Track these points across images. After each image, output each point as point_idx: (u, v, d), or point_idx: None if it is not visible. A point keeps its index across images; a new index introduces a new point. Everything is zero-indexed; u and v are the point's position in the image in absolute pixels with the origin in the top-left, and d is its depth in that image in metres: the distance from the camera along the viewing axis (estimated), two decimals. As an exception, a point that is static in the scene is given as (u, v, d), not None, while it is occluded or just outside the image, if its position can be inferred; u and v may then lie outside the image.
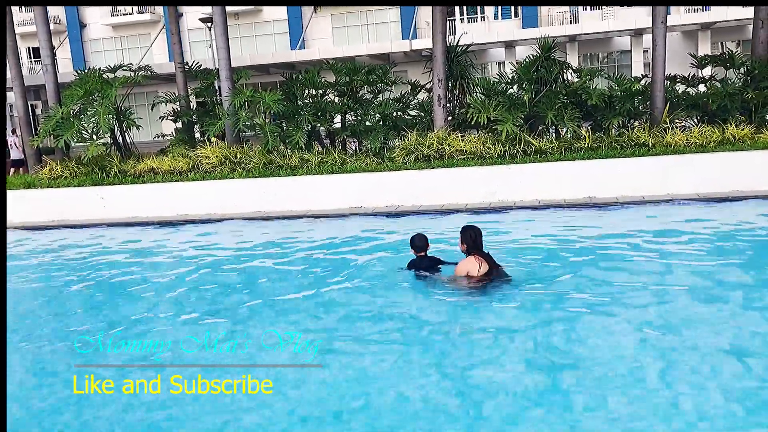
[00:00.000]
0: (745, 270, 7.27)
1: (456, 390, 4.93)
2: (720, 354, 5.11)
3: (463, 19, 35.78)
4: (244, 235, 10.94)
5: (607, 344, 5.42)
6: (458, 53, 14.13)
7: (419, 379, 5.02)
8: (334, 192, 12.28)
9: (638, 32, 30.87)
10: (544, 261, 8.06)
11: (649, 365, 5.00)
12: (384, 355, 5.60)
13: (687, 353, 5.21)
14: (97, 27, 39.38)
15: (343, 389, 5.06)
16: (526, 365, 5.20)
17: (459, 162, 12.02)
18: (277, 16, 37.55)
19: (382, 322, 6.42)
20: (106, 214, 12.98)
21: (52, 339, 6.46)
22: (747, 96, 12.45)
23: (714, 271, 7.20)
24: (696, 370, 4.88)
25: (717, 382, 4.65)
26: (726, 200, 10.57)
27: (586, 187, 11.42)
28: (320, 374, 5.33)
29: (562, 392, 4.74)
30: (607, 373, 4.86)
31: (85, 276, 9.00)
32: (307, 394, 5.02)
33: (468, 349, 5.64)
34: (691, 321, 5.79)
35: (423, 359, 5.42)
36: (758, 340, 5.34)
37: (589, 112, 12.75)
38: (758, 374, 4.76)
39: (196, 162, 13.29)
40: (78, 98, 13.89)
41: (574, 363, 5.15)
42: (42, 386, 5.42)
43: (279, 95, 13.30)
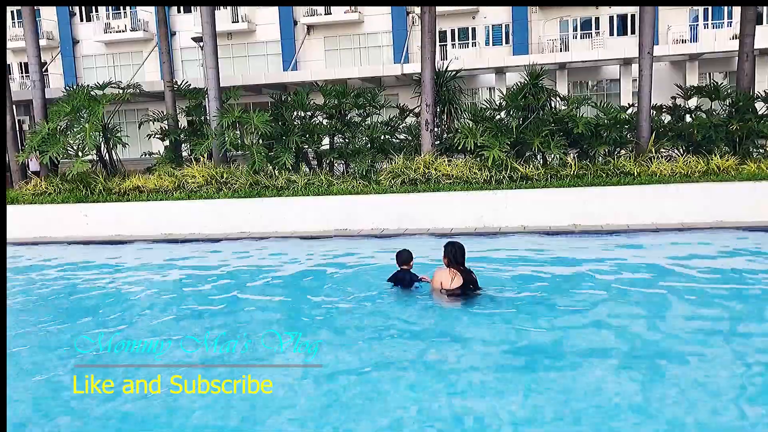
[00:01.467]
0: (721, 302, 7.29)
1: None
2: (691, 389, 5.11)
3: (454, 45, 36.11)
4: (226, 255, 10.85)
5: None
6: (447, 78, 14.21)
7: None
8: (320, 214, 12.24)
9: (627, 61, 31.25)
10: (521, 286, 8.08)
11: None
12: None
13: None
14: (89, 43, 39.48)
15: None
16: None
17: (445, 186, 12.02)
18: (270, 37, 37.79)
19: (373, 334, 6.51)
20: (89, 232, 12.87)
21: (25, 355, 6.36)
22: (732, 127, 12.57)
23: (686, 302, 7.24)
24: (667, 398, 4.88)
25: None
26: (709, 230, 10.59)
27: (572, 214, 11.44)
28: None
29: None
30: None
31: (60, 293, 8.90)
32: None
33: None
34: (656, 348, 5.85)
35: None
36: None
37: (576, 140, 12.81)
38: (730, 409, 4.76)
39: (182, 181, 13.23)
40: (65, 114, 13.83)
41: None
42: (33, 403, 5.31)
43: (267, 116, 13.29)
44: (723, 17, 33.73)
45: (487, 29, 35.97)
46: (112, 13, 39.05)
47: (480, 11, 35.41)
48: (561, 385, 5.13)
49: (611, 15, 34.63)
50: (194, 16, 36.13)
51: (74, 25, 39.54)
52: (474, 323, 6.69)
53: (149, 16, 37.87)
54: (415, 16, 34.89)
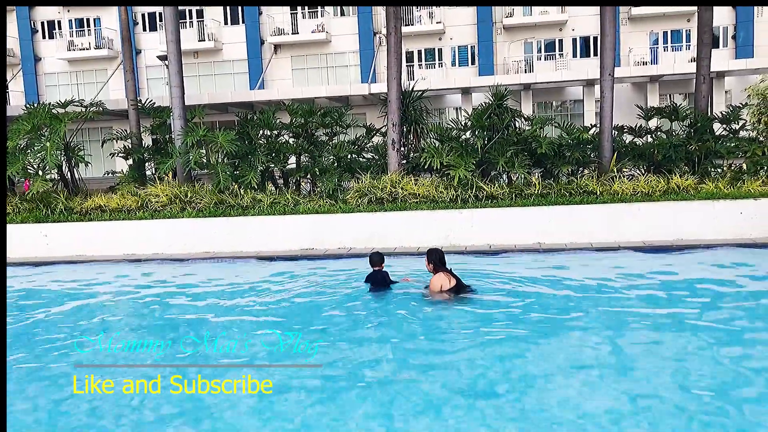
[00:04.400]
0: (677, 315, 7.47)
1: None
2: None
3: (421, 65, 36.47)
4: (187, 275, 10.72)
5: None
6: (413, 98, 14.32)
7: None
8: (287, 233, 12.16)
9: (590, 82, 31.88)
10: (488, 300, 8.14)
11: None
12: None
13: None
14: (52, 61, 38.89)
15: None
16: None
17: (412, 205, 12.06)
18: (236, 56, 37.71)
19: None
20: (49, 253, 12.60)
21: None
22: (690, 147, 12.87)
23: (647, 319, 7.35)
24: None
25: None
26: (670, 249, 10.80)
27: (536, 232, 11.57)
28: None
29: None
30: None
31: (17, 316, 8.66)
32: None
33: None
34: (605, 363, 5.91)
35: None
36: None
37: (540, 160, 12.99)
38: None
39: (146, 200, 13.05)
40: (25, 133, 13.58)
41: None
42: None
43: (233, 135, 13.22)
44: (682, 40, 34.70)
45: (453, 50, 36.41)
46: (76, 30, 38.58)
47: (446, 33, 35.86)
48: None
49: (574, 37, 35.35)
50: (160, 35, 35.90)
51: (36, 42, 38.95)
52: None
53: (114, 34, 37.53)
54: (381, 37, 35.19)
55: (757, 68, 29.69)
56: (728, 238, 11.04)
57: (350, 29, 36.55)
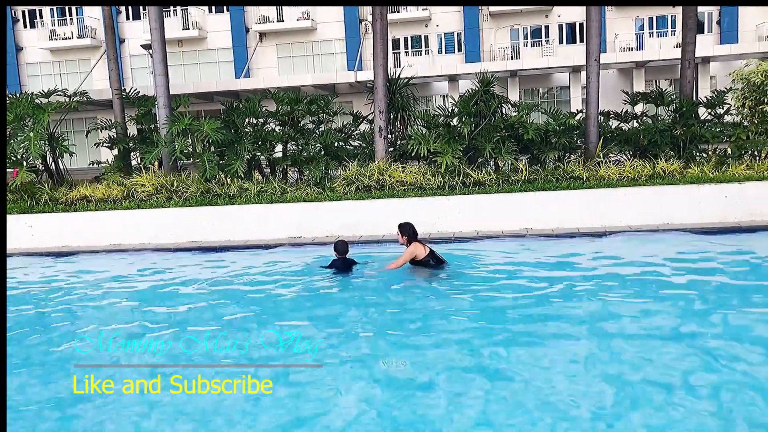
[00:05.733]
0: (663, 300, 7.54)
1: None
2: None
3: (407, 53, 36.36)
4: (174, 265, 10.66)
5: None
6: (400, 86, 14.27)
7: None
8: (274, 221, 12.13)
9: (576, 69, 31.96)
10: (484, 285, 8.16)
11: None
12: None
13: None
14: (34, 51, 38.45)
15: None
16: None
17: (399, 193, 12.06)
18: (221, 45, 37.44)
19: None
20: (35, 244, 12.50)
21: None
22: (676, 132, 12.94)
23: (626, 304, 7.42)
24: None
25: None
26: (656, 231, 10.88)
27: (523, 218, 11.61)
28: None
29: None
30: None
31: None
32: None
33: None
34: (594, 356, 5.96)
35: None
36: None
37: (527, 146, 13.00)
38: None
39: (131, 190, 12.96)
40: (8, 123, 13.42)
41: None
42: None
43: (218, 123, 13.13)
44: (667, 26, 34.83)
45: (439, 37, 36.34)
46: (58, 19, 38.13)
47: (432, 19, 35.76)
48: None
49: (560, 24, 35.39)
50: (143, 23, 35.55)
51: (18, 32, 38.47)
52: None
53: (97, 23, 37.11)
54: (367, 24, 35.04)
55: (741, 53, 29.86)
56: (714, 222, 11.13)
57: (336, 17, 36.37)
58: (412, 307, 7.66)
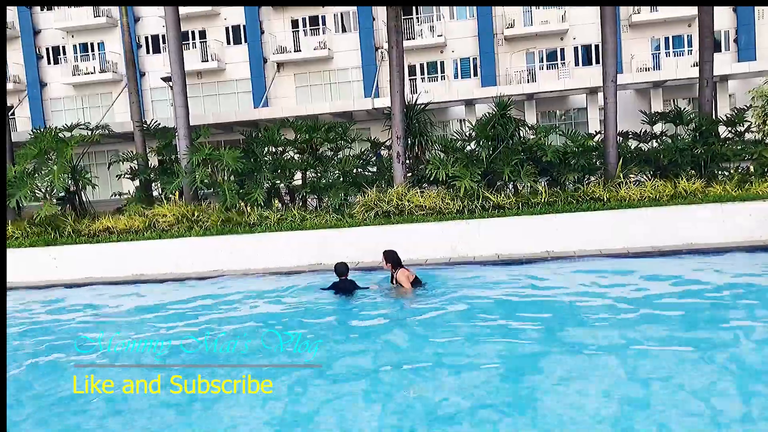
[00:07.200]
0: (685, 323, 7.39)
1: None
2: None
3: (423, 78, 36.60)
4: (197, 293, 10.70)
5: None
6: (417, 111, 14.35)
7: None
8: (294, 249, 12.15)
9: (593, 90, 31.92)
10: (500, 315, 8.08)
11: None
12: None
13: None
14: (57, 86, 39.27)
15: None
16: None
17: (419, 218, 12.05)
18: (240, 76, 37.98)
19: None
20: (59, 275, 12.63)
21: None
22: (696, 151, 12.83)
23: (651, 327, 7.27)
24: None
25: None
26: (680, 253, 10.73)
27: (544, 241, 11.52)
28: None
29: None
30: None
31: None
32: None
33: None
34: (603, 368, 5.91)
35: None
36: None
37: (546, 168, 12.97)
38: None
39: (153, 220, 13.09)
40: (32, 157, 13.68)
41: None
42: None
43: (238, 152, 13.27)
44: (683, 45, 34.74)
45: (455, 62, 36.56)
46: (81, 55, 38.96)
47: (448, 45, 36.02)
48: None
49: (576, 46, 35.45)
50: (163, 57, 36.20)
51: (41, 68, 39.35)
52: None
53: (118, 58, 37.87)
54: (383, 52, 35.38)
55: (760, 71, 29.69)
56: (738, 242, 10.97)
57: (352, 45, 36.77)
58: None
